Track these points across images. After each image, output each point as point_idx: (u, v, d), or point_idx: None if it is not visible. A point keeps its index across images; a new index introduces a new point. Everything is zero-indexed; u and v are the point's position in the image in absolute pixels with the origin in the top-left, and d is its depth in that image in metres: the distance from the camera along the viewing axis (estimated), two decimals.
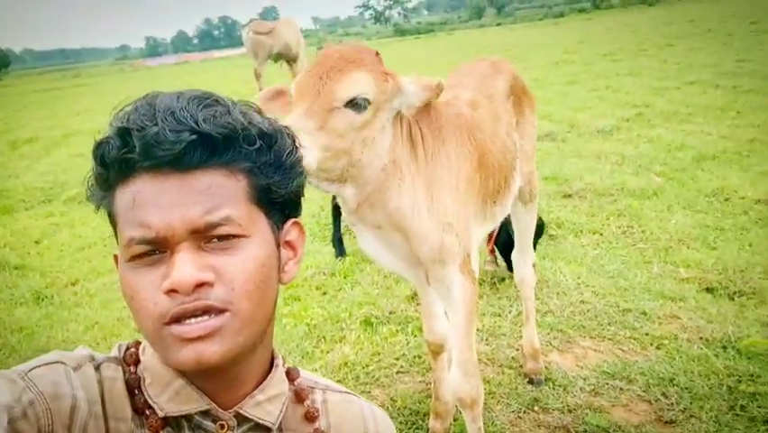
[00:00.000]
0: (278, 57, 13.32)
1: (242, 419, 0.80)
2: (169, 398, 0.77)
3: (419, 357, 3.09)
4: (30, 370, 0.72)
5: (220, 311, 0.71)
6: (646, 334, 3.27)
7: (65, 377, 0.73)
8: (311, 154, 1.46)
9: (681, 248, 4.61)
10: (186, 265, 0.69)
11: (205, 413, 0.78)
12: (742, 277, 4.00)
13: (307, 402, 0.88)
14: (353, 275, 4.25)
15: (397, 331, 3.38)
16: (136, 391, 0.78)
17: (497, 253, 4.26)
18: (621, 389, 2.82)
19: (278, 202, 0.79)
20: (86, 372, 0.76)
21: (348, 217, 1.90)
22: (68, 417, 0.69)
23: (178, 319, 0.70)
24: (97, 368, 0.78)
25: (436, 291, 2.10)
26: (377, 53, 1.67)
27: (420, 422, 2.65)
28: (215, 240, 0.72)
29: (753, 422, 2.54)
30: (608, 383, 2.86)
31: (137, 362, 0.80)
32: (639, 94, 10.90)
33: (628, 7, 52.11)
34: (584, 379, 2.90)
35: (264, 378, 0.84)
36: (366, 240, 1.98)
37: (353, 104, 1.53)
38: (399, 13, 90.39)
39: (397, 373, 3.01)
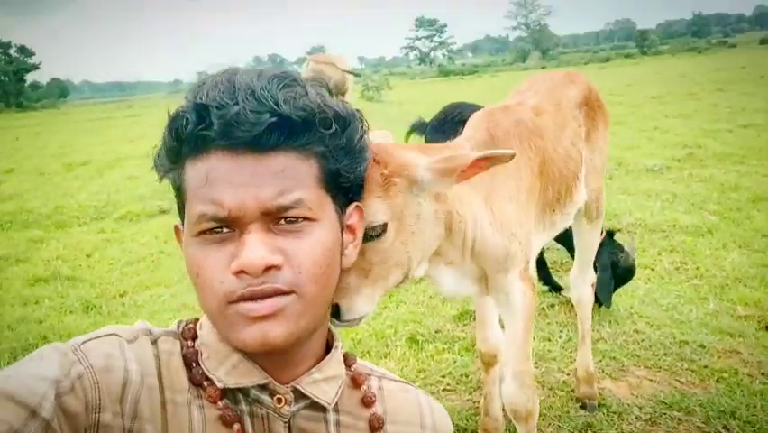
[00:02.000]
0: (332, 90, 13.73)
1: (298, 395, 0.78)
2: (227, 371, 0.76)
3: (466, 376, 3.02)
4: (83, 343, 0.72)
5: (286, 294, 0.70)
6: (705, 366, 3.13)
7: (118, 349, 0.72)
8: (366, 308, 1.30)
9: (738, 286, 4.44)
10: (257, 247, 0.68)
11: (263, 387, 0.77)
12: None
13: (364, 387, 0.86)
14: (398, 294, 4.22)
15: (443, 349, 3.31)
16: (193, 365, 0.77)
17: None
18: (679, 420, 2.68)
19: (345, 186, 0.78)
20: (141, 344, 0.76)
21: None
22: (119, 389, 0.69)
23: (245, 299, 0.69)
24: (154, 342, 0.78)
25: (495, 300, 2.05)
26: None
27: None
28: (284, 222, 0.71)
29: None
30: (665, 413, 2.73)
31: (194, 337, 0.80)
32: (690, 135, 10.71)
33: (676, 54, 51.79)
34: (640, 408, 2.78)
35: (321, 359, 0.83)
36: (443, 281, 1.82)
37: (370, 236, 1.32)
38: (444, 55, 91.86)
39: (444, 390, 2.94)
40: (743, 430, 2.59)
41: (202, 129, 0.69)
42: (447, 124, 4.37)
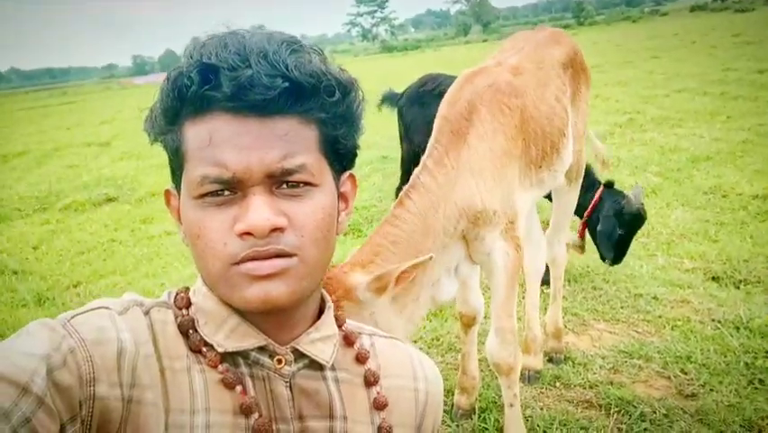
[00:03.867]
0: None
1: (298, 355, 0.79)
2: (226, 335, 0.76)
3: (437, 339, 3.10)
4: (72, 317, 0.70)
5: (289, 256, 0.71)
6: (659, 316, 3.31)
7: (109, 321, 0.70)
8: None
9: (683, 242, 4.67)
10: (262, 209, 0.68)
11: (262, 349, 0.77)
12: (746, 267, 4.06)
13: (357, 345, 0.88)
14: None
15: None
16: (190, 332, 0.76)
17: (587, 237, 3.83)
18: (640, 367, 2.84)
19: (341, 154, 0.78)
20: (133, 314, 0.75)
21: None
22: (114, 360, 0.67)
23: (249, 260, 0.70)
24: (147, 313, 0.77)
25: (479, 262, 2.11)
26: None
27: (443, 399, 2.65)
28: (285, 186, 0.71)
29: None
30: (626, 361, 2.89)
31: (188, 305, 0.79)
32: (629, 102, 11.07)
33: (612, 24, 53.06)
34: (602, 358, 2.92)
35: (316, 320, 0.84)
36: (445, 292, 2.05)
37: None
38: (386, 30, 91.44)
39: None
40: (699, 372, 2.76)
41: (208, 89, 0.68)
42: (425, 96, 4.25)
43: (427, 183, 1.88)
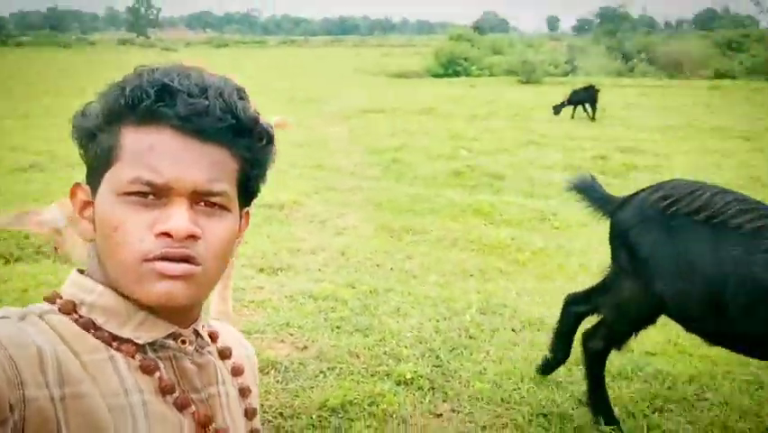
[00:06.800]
0: None
1: (195, 335, 0.89)
2: (135, 328, 0.81)
3: None
4: None
5: (196, 264, 0.79)
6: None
7: (16, 328, 0.73)
8: None
9: None
10: (184, 216, 0.77)
11: (168, 335, 0.84)
12: None
13: (205, 326, 0.96)
14: None
15: None
16: (92, 331, 0.80)
17: None
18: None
19: (249, 192, 0.89)
20: (33, 320, 0.78)
21: None
22: (36, 362, 0.70)
23: (160, 259, 0.77)
24: (41, 317, 0.79)
25: None
26: None
27: None
28: (202, 204, 0.80)
29: None
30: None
31: (74, 308, 0.81)
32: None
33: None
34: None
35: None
36: None
37: None
38: None
39: None
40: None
41: (162, 106, 0.77)
42: (673, 218, 2.54)
43: None
